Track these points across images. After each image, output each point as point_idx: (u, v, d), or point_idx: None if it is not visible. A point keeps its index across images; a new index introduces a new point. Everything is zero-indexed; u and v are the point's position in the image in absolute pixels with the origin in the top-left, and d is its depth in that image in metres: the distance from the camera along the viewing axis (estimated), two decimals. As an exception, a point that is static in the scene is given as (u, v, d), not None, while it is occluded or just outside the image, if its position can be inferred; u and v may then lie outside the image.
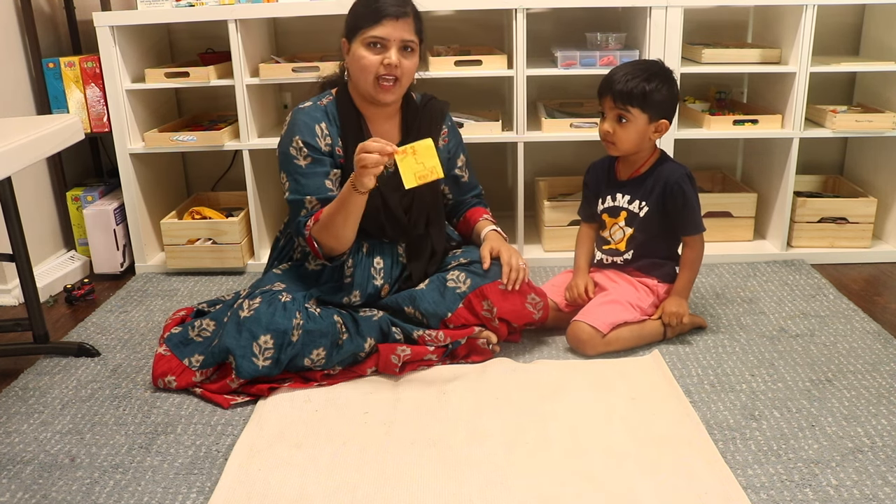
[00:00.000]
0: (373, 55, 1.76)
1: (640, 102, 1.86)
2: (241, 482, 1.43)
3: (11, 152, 1.59)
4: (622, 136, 1.90)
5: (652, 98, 1.85)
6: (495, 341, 1.89)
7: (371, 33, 1.75)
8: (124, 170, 2.48)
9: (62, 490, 1.44)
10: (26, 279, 1.93)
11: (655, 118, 1.89)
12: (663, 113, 1.90)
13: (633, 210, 1.97)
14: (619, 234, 2.00)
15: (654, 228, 1.97)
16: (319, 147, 1.82)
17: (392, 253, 1.92)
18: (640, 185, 1.97)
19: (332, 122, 1.85)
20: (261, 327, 1.72)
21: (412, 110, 1.92)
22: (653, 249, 1.99)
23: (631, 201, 1.97)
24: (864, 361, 1.82)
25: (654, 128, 1.90)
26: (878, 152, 2.56)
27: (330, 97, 1.89)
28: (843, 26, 2.67)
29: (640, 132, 1.89)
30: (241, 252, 2.50)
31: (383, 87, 1.78)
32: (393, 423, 1.60)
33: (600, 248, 2.07)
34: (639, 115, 1.87)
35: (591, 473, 1.42)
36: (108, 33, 2.35)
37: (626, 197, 1.98)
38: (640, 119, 1.88)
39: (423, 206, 1.90)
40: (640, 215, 1.96)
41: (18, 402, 1.76)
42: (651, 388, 1.71)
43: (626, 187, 1.99)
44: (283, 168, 1.84)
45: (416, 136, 1.87)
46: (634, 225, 1.97)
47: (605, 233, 2.04)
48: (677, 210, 1.93)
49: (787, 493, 1.37)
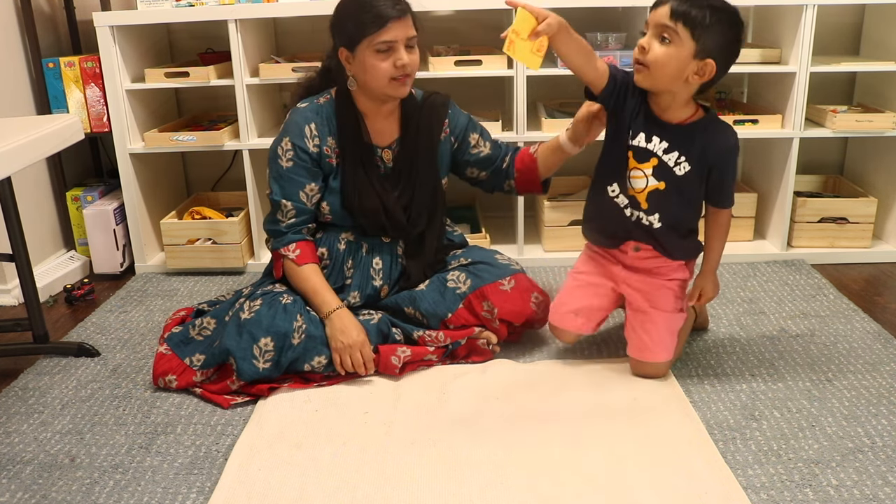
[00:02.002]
0: (383, 61, 1.73)
1: (692, 25, 1.51)
2: (241, 482, 1.43)
3: (11, 152, 1.59)
4: (658, 58, 1.55)
5: (710, 29, 1.52)
6: (495, 342, 1.89)
7: (379, 39, 1.71)
8: (124, 170, 2.48)
9: (62, 490, 1.44)
10: (26, 279, 1.93)
11: (703, 54, 1.54)
12: (715, 53, 1.54)
13: (668, 163, 1.65)
14: (641, 184, 1.68)
15: (693, 194, 1.68)
16: (307, 148, 1.82)
17: (391, 253, 1.92)
18: (685, 137, 1.64)
19: (324, 122, 1.85)
20: (261, 329, 1.72)
21: (412, 106, 1.91)
22: (682, 220, 1.72)
23: (668, 150, 1.64)
24: (864, 361, 1.82)
25: (697, 68, 1.56)
26: (878, 152, 2.56)
27: (328, 96, 1.88)
28: (843, 26, 2.67)
29: (679, 62, 1.54)
30: (241, 252, 2.50)
31: (400, 81, 1.77)
32: (393, 423, 1.60)
33: (623, 190, 1.72)
34: (686, 40, 1.52)
35: (591, 473, 1.42)
36: (108, 33, 2.35)
37: (663, 143, 1.65)
38: (685, 45, 1.53)
39: (422, 203, 1.89)
40: (678, 173, 1.65)
41: (18, 402, 1.76)
42: (651, 388, 1.71)
43: (666, 132, 1.65)
44: (269, 165, 1.87)
45: (415, 131, 1.88)
46: (666, 181, 1.66)
47: (623, 173, 1.71)
48: (721, 179, 1.67)
49: (787, 493, 1.37)
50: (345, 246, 1.90)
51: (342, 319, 1.76)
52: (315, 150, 1.83)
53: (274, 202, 1.84)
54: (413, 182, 1.88)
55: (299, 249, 1.83)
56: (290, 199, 1.82)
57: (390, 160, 1.89)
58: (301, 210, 1.84)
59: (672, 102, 1.63)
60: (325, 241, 1.90)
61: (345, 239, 1.90)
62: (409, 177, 1.88)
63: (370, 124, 1.87)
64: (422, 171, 1.88)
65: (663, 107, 1.64)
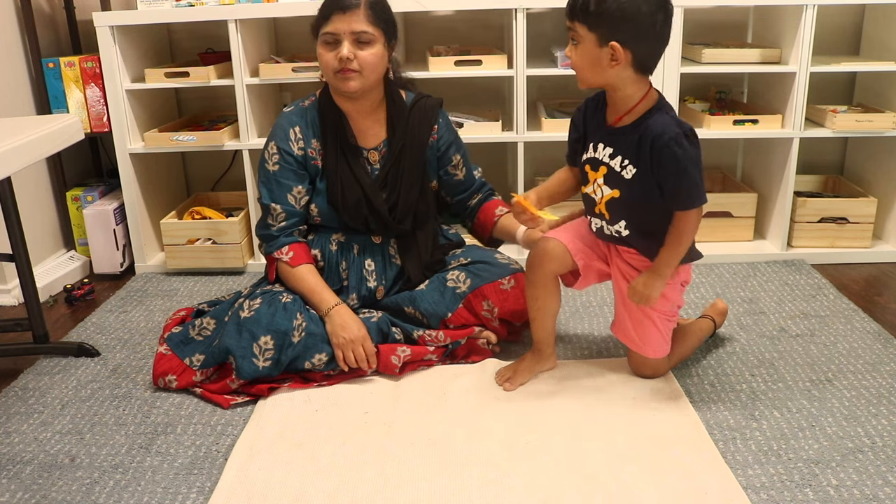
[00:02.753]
0: (328, 52, 1.76)
1: (583, 18, 1.48)
2: (241, 482, 1.43)
3: (11, 152, 1.58)
4: (575, 62, 1.54)
5: (600, 15, 1.45)
6: (495, 341, 1.89)
7: (324, 30, 1.76)
8: (124, 170, 2.48)
9: (62, 490, 1.44)
10: (26, 279, 1.93)
11: (604, 40, 1.47)
12: (615, 35, 1.47)
13: (615, 168, 1.58)
14: (599, 194, 1.63)
15: (652, 196, 1.56)
16: (292, 152, 1.83)
17: (383, 253, 1.92)
18: (623, 138, 1.57)
19: (308, 124, 1.86)
20: (261, 328, 1.72)
21: (398, 108, 1.90)
22: (651, 225, 1.59)
23: (613, 156, 1.58)
24: (864, 361, 1.82)
25: (609, 55, 1.49)
26: (878, 152, 2.56)
27: (313, 98, 1.90)
28: (843, 26, 2.67)
29: (591, 57, 1.50)
30: (241, 252, 2.50)
31: (343, 73, 1.76)
32: (393, 423, 1.60)
33: (590, 212, 1.68)
34: (585, 34, 1.49)
35: (591, 473, 1.42)
36: (108, 33, 2.35)
37: (607, 149, 1.59)
38: (587, 39, 1.49)
39: (408, 204, 1.88)
40: (626, 177, 1.57)
41: (18, 402, 1.76)
42: (651, 388, 1.71)
43: (610, 137, 1.59)
44: (258, 170, 1.88)
45: (402, 135, 1.88)
46: (619, 188, 1.59)
47: (586, 189, 1.66)
48: (667, 178, 1.52)
49: (787, 493, 1.37)
50: (336, 247, 1.90)
51: (342, 315, 1.76)
52: (300, 153, 1.84)
53: (264, 206, 1.86)
54: (399, 183, 1.87)
55: (292, 252, 1.83)
56: (279, 203, 1.83)
57: (377, 162, 1.89)
58: (291, 213, 1.84)
59: (622, 98, 1.56)
60: (317, 244, 1.90)
61: (336, 240, 1.90)
62: (395, 178, 1.87)
63: (354, 125, 1.87)
64: (408, 173, 1.87)
65: (618, 108, 1.58)
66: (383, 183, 1.87)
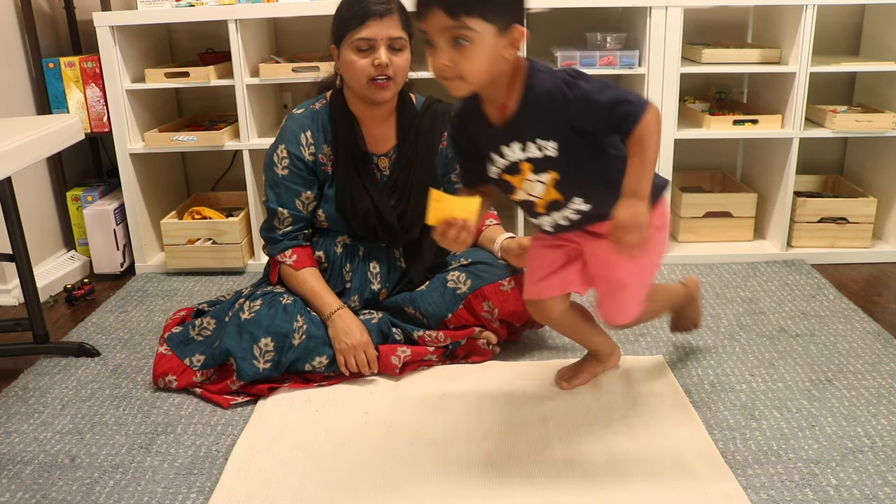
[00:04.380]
0: (362, 58, 1.72)
1: (481, 9, 1.26)
2: (242, 482, 1.43)
3: (11, 152, 1.59)
4: (469, 66, 1.29)
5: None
6: (495, 342, 1.89)
7: (357, 36, 1.71)
8: (124, 170, 2.48)
9: (62, 490, 1.44)
10: (26, 279, 1.93)
11: (504, 25, 1.29)
12: (511, 15, 1.30)
13: (535, 155, 1.39)
14: (540, 188, 1.44)
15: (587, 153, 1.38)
16: (302, 157, 1.82)
17: (389, 257, 1.92)
18: (521, 124, 1.37)
19: (319, 129, 1.84)
20: (261, 330, 1.72)
21: (409, 113, 1.88)
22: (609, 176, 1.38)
23: (525, 148, 1.39)
24: (864, 361, 1.82)
25: (507, 41, 1.30)
26: (878, 152, 2.56)
27: (324, 101, 1.87)
28: (843, 26, 2.67)
29: (489, 51, 1.29)
30: (241, 252, 2.50)
31: (378, 85, 1.74)
32: (393, 423, 1.60)
33: (534, 216, 1.52)
34: (484, 29, 1.27)
35: (590, 473, 1.43)
36: (108, 33, 2.35)
37: (514, 145, 1.39)
38: (486, 34, 1.27)
39: (416, 212, 1.85)
40: (553, 155, 1.38)
41: (18, 402, 1.76)
42: (651, 388, 1.71)
43: (507, 134, 1.40)
44: (265, 172, 1.86)
45: (413, 140, 1.87)
46: (552, 169, 1.40)
47: (517, 196, 1.48)
48: (594, 117, 1.33)
49: (787, 493, 1.37)
50: (342, 249, 1.89)
51: (344, 320, 1.76)
52: (310, 159, 1.83)
53: (270, 210, 1.85)
54: (409, 191, 1.86)
55: (296, 255, 1.83)
56: (286, 207, 1.83)
57: (387, 168, 1.88)
58: (297, 217, 1.84)
59: (497, 89, 1.37)
60: (321, 246, 1.89)
61: (341, 242, 1.89)
62: (405, 186, 1.86)
63: (366, 130, 1.86)
64: (419, 181, 1.85)
65: (498, 98, 1.38)
66: (392, 189, 1.86)
